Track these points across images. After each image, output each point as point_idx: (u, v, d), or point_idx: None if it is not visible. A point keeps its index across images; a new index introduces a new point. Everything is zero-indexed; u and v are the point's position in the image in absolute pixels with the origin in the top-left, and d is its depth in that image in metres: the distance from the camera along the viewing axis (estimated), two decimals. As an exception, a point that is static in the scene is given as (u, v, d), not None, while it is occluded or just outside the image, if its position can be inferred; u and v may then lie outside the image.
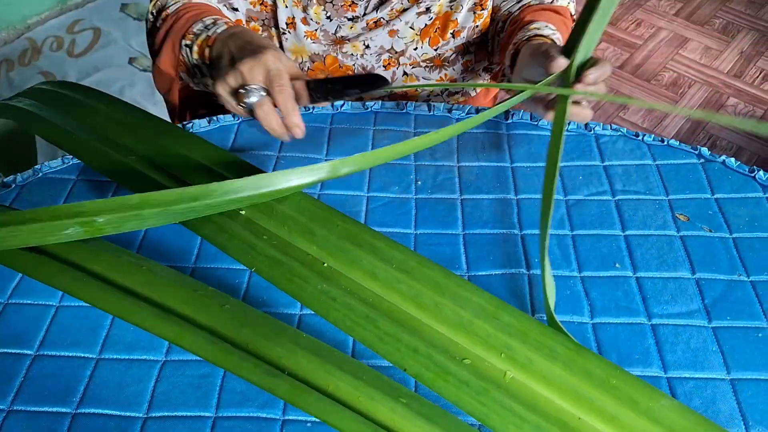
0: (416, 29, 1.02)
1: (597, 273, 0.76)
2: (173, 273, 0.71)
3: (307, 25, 1.01)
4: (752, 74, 2.32)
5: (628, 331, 0.71)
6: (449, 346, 0.64)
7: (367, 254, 0.71)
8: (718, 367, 0.68)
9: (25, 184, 0.85)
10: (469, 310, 0.66)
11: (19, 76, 2.34)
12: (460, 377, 0.62)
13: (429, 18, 1.01)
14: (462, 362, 0.63)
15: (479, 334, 0.65)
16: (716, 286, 0.75)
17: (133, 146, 0.85)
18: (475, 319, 0.66)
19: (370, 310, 0.66)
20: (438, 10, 1.01)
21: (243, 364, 0.61)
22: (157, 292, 0.67)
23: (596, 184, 0.86)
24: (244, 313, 0.67)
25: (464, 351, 0.64)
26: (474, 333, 0.65)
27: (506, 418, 0.60)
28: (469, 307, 0.66)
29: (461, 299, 0.67)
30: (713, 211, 0.83)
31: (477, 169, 0.87)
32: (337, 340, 0.69)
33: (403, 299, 0.67)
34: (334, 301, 0.67)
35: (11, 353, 0.68)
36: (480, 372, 0.63)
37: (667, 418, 0.60)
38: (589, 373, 0.63)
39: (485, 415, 0.60)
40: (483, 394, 0.61)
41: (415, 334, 0.65)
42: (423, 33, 1.03)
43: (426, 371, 0.62)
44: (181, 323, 0.65)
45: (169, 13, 0.95)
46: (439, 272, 0.69)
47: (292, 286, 0.69)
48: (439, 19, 1.02)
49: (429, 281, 0.68)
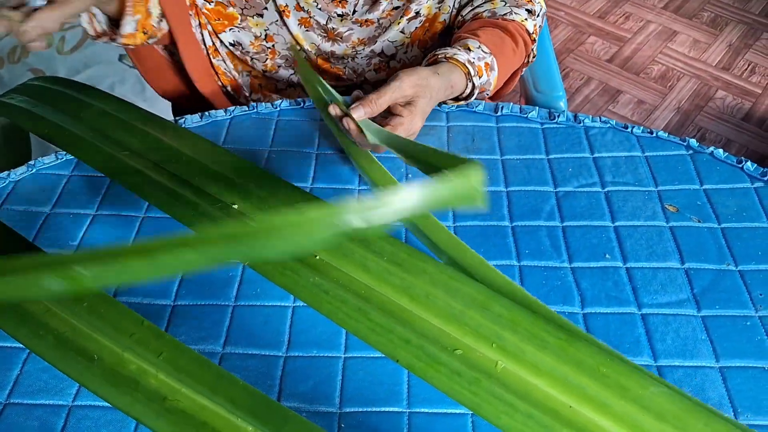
0: (407, 33, 1.03)
1: (587, 264, 0.77)
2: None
3: (301, 11, 1.00)
4: (741, 66, 2.33)
5: (619, 320, 0.72)
6: (441, 337, 0.65)
7: (358, 247, 0.71)
8: (707, 355, 0.69)
9: (18, 180, 0.86)
10: (460, 300, 0.67)
11: (9, 74, 2.33)
12: (452, 367, 0.62)
13: (419, 21, 1.02)
14: (453, 353, 0.64)
15: (470, 324, 0.65)
16: (705, 276, 0.76)
17: (127, 142, 0.85)
18: (466, 310, 0.66)
19: (362, 303, 0.67)
20: (427, 12, 1.01)
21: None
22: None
23: (586, 175, 0.86)
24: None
25: (455, 341, 0.65)
26: (465, 323, 0.65)
27: (498, 408, 0.61)
28: (460, 298, 0.67)
29: (452, 290, 0.68)
30: (702, 201, 0.83)
31: (468, 162, 0.88)
32: (331, 331, 0.70)
33: (394, 291, 0.68)
34: (326, 294, 0.68)
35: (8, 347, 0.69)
36: (471, 362, 0.63)
37: (656, 405, 0.61)
38: (579, 362, 0.63)
39: (477, 405, 0.61)
40: (475, 384, 0.61)
41: (407, 326, 0.65)
42: (413, 36, 1.03)
43: (418, 362, 0.63)
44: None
45: None
46: (431, 263, 0.70)
47: (285, 280, 0.69)
48: (428, 20, 1.02)
49: (420, 272, 0.69)
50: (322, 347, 0.69)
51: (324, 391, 0.66)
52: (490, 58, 0.90)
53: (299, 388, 0.66)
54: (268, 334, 0.70)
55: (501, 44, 0.93)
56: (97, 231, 0.80)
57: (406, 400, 0.66)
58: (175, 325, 0.71)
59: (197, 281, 0.75)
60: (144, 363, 0.62)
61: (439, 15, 1.02)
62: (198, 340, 0.69)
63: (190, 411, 0.59)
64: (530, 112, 0.94)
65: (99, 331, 0.64)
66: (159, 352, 0.62)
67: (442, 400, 0.65)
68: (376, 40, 1.03)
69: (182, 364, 0.61)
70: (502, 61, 0.92)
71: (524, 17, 0.97)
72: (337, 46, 1.04)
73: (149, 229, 0.80)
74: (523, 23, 0.97)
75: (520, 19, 0.97)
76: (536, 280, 0.75)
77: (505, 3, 0.97)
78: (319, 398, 0.65)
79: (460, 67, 0.87)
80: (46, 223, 0.81)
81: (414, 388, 0.66)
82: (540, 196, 0.84)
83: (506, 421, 0.60)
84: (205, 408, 0.59)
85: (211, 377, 0.60)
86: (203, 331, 0.70)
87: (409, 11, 0.99)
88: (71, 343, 0.64)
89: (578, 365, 0.63)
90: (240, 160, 0.83)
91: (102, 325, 0.65)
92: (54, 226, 0.80)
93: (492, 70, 0.90)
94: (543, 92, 1.13)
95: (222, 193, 0.78)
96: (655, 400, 0.62)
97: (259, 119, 0.94)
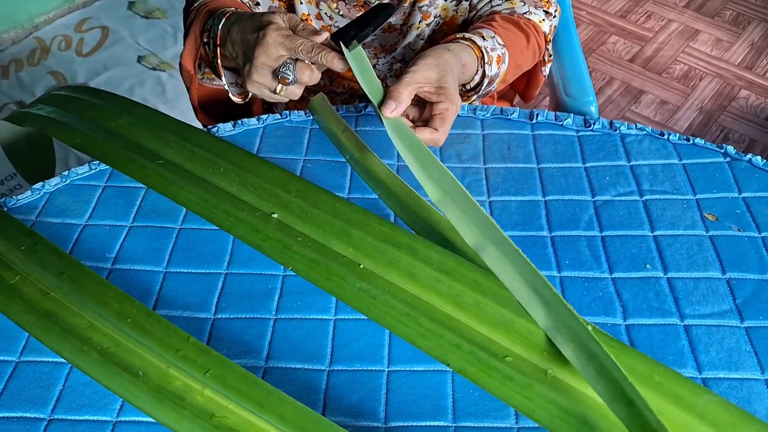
0: (425, 38, 1.02)
1: (628, 274, 0.76)
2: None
3: (321, 20, 1.01)
4: (763, 65, 2.31)
5: (662, 332, 0.71)
6: (490, 344, 0.65)
7: (405, 255, 0.71)
8: (752, 367, 0.69)
9: (53, 191, 0.86)
10: (510, 308, 0.67)
11: (29, 77, 2.34)
12: (505, 373, 0.63)
13: (436, 23, 1.01)
14: (504, 359, 0.64)
15: (521, 332, 0.65)
16: (747, 286, 0.75)
17: (160, 150, 0.86)
18: (516, 317, 0.66)
19: (410, 309, 0.67)
20: (444, 14, 1.01)
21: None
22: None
23: (623, 184, 0.86)
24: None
25: (505, 349, 0.65)
26: (516, 331, 0.65)
27: (552, 413, 0.61)
28: (509, 306, 0.67)
29: (502, 298, 0.68)
30: (741, 210, 0.83)
31: (504, 171, 0.88)
32: (374, 344, 0.70)
33: (442, 299, 0.68)
34: (374, 299, 0.68)
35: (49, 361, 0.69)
36: (522, 369, 0.63)
37: (711, 413, 0.61)
38: (632, 370, 0.63)
39: (531, 410, 0.61)
40: (528, 389, 0.62)
41: (457, 332, 0.65)
42: (432, 40, 1.03)
43: (470, 366, 0.63)
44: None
45: (194, 7, 0.95)
46: (479, 272, 0.70)
47: (331, 284, 0.69)
48: (446, 23, 1.02)
49: (469, 281, 0.69)
50: (366, 361, 0.69)
51: (369, 406, 0.65)
52: (502, 50, 0.89)
53: (344, 403, 0.66)
54: (311, 347, 0.70)
55: (515, 39, 0.92)
56: (134, 242, 0.80)
57: (452, 414, 0.65)
58: (217, 339, 0.70)
59: (237, 294, 0.74)
60: (190, 379, 0.62)
61: (457, 18, 1.01)
62: (240, 354, 0.69)
63: (238, 427, 0.59)
64: (565, 120, 0.93)
65: (143, 346, 0.65)
66: (206, 368, 0.62)
67: (487, 414, 0.65)
68: (396, 47, 1.03)
69: (230, 381, 0.61)
70: (512, 55, 0.92)
71: (541, 17, 0.98)
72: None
73: (186, 240, 0.80)
74: (540, 24, 0.97)
75: (538, 19, 0.97)
76: (577, 291, 0.75)
77: (524, 3, 0.97)
78: (364, 413, 0.65)
79: (474, 49, 0.86)
80: (82, 234, 0.81)
81: (459, 402, 0.66)
82: (578, 205, 0.83)
83: (560, 425, 0.60)
84: (254, 425, 0.59)
85: (259, 394, 0.60)
86: (245, 345, 0.70)
87: (428, 15, 0.99)
88: (115, 358, 0.64)
89: (631, 373, 0.63)
90: (278, 169, 0.83)
91: (146, 340, 0.65)
92: (90, 238, 0.80)
93: (503, 63, 0.90)
94: (573, 97, 1.12)
95: (260, 202, 0.79)
96: (709, 408, 0.61)
97: (292, 128, 0.94)
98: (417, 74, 0.78)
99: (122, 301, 0.68)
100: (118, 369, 0.64)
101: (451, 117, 0.79)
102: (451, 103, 0.79)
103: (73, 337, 0.66)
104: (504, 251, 0.67)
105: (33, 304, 0.69)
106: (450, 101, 0.79)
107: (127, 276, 0.76)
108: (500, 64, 0.89)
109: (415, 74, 0.78)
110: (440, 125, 0.79)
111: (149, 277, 0.76)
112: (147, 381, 0.63)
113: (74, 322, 0.67)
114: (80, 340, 0.66)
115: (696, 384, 0.63)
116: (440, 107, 0.79)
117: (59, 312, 0.69)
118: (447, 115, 0.79)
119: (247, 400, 0.60)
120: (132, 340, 0.65)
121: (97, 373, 0.64)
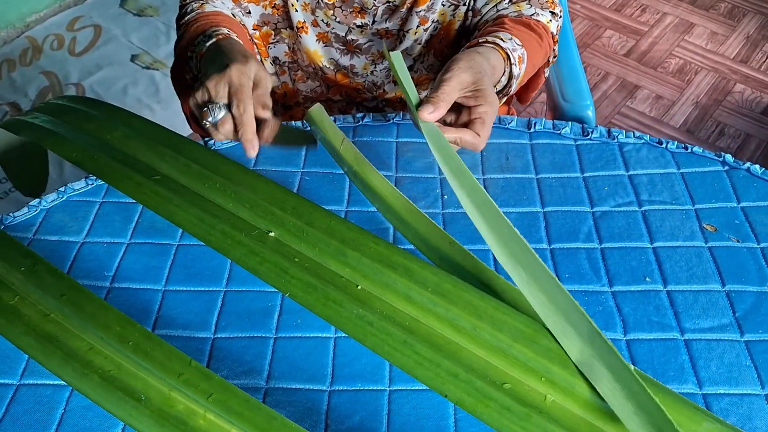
0: (423, 43, 1.02)
1: (628, 287, 0.76)
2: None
3: (318, 27, 1.01)
4: (759, 59, 2.31)
5: (662, 347, 0.72)
6: (488, 370, 0.65)
7: (401, 277, 0.71)
8: (752, 382, 0.69)
9: (49, 208, 0.85)
10: (507, 333, 0.66)
11: (21, 77, 2.33)
12: (502, 403, 0.62)
13: (434, 29, 1.01)
14: (502, 386, 0.63)
15: (519, 357, 0.65)
16: (746, 298, 0.75)
17: (156, 164, 0.85)
18: (514, 343, 0.66)
19: (407, 335, 0.66)
20: (442, 19, 1.00)
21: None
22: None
23: (622, 194, 0.86)
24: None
25: (503, 375, 0.64)
26: (513, 356, 0.65)
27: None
28: (507, 331, 0.67)
29: (499, 322, 0.67)
30: (740, 220, 0.83)
31: (502, 181, 0.87)
32: (374, 363, 0.70)
33: (440, 323, 0.68)
34: (371, 326, 0.67)
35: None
36: (520, 397, 0.63)
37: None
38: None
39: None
40: (526, 420, 0.61)
41: (454, 359, 0.65)
42: (429, 45, 1.03)
43: (467, 397, 0.63)
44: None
45: (183, 22, 0.95)
46: (475, 294, 0.69)
47: (328, 311, 0.69)
48: (443, 28, 1.01)
49: (466, 304, 0.68)
50: (367, 380, 0.69)
51: (371, 427, 0.65)
52: (522, 50, 0.89)
53: (345, 424, 0.66)
54: (312, 367, 0.70)
55: (529, 39, 0.93)
56: (132, 260, 0.80)
57: (454, 434, 0.65)
58: (217, 359, 0.70)
59: (237, 312, 0.74)
60: (192, 403, 0.62)
61: (454, 22, 1.01)
62: (241, 374, 0.69)
63: (240, 453, 0.59)
64: (563, 128, 0.93)
65: (145, 370, 0.64)
66: (208, 393, 0.62)
67: (489, 434, 0.65)
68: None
69: (233, 406, 0.61)
70: (530, 55, 0.92)
71: (549, 18, 0.98)
72: (357, 60, 1.04)
73: (184, 256, 0.80)
74: (548, 24, 0.98)
75: (545, 20, 0.97)
76: (577, 306, 0.75)
77: (530, 5, 0.97)
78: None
79: (500, 51, 0.86)
80: (80, 252, 0.80)
81: (461, 422, 0.66)
82: (577, 216, 0.83)
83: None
84: (256, 450, 0.59)
85: (261, 419, 0.60)
86: (245, 365, 0.70)
87: (426, 20, 0.98)
88: (117, 381, 0.64)
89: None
90: (273, 184, 0.82)
91: (149, 364, 0.64)
92: (88, 255, 0.80)
93: (523, 63, 0.90)
94: (570, 101, 1.12)
95: (257, 219, 0.78)
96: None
97: (289, 139, 0.93)
98: (453, 79, 0.77)
99: (123, 324, 0.68)
100: (120, 393, 0.63)
101: (491, 120, 0.79)
102: (490, 105, 0.78)
103: (75, 360, 0.66)
104: (534, 274, 0.67)
105: (33, 326, 0.69)
106: (488, 104, 0.78)
107: (126, 295, 0.76)
108: (521, 65, 0.89)
109: (451, 79, 0.77)
110: (481, 129, 0.78)
111: (148, 296, 0.76)
112: (149, 405, 0.62)
113: (75, 344, 0.67)
114: (81, 364, 0.66)
115: (695, 409, 0.62)
116: (479, 110, 0.78)
117: (60, 334, 0.68)
118: (486, 118, 0.78)
119: (250, 426, 0.60)
120: (134, 364, 0.65)
121: (98, 396, 0.64)
